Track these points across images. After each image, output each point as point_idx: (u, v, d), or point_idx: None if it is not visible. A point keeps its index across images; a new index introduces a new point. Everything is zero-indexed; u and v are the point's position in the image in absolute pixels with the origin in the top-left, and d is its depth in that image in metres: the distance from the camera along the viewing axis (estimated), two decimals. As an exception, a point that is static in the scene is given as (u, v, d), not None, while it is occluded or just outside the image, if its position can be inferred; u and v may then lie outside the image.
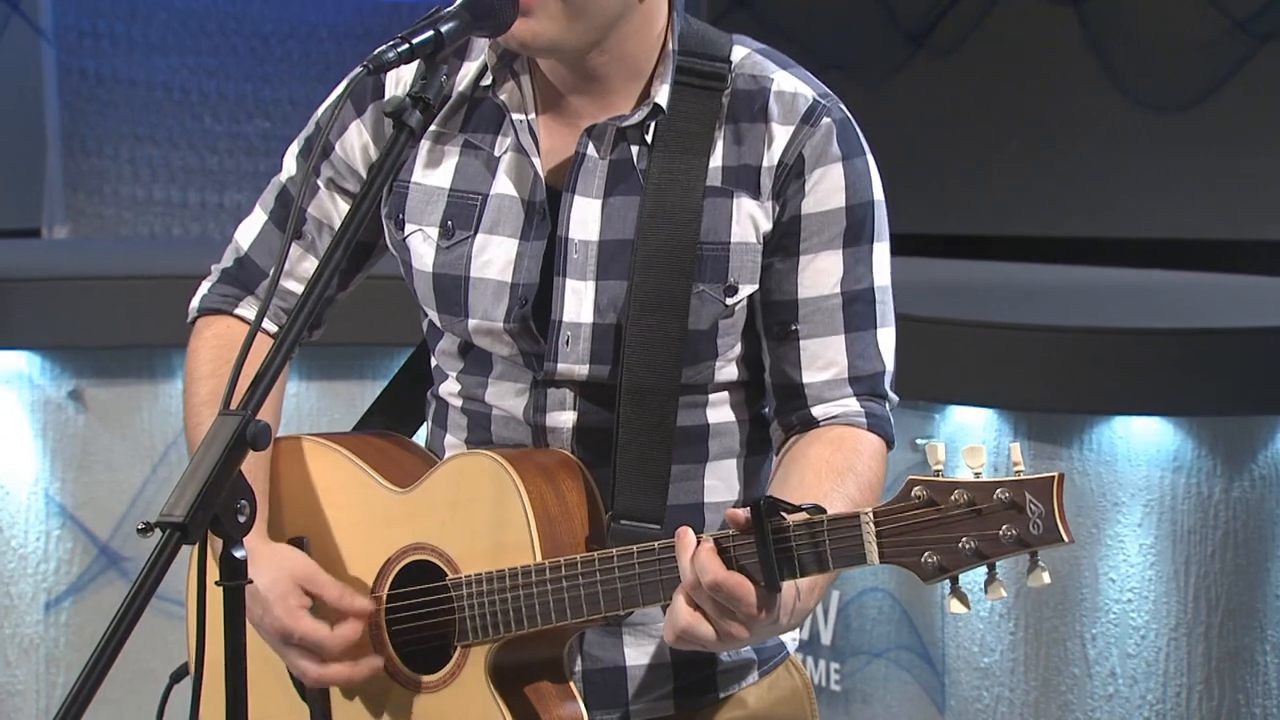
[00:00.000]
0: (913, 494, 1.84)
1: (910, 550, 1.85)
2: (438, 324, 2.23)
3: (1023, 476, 1.83)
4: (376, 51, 2.01)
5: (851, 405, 2.15)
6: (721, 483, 2.21)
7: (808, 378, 2.16)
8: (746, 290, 2.15)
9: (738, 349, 2.18)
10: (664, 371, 2.12)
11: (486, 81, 2.19)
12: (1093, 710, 3.74)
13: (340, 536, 2.25)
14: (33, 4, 6.99)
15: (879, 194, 2.17)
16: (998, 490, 1.82)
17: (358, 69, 2.02)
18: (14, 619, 4.40)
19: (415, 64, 2.05)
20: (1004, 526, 1.82)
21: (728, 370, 2.19)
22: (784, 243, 2.14)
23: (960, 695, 3.86)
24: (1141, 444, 3.71)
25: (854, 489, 2.06)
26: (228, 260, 2.35)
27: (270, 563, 2.20)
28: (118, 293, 4.37)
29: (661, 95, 2.13)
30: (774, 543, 1.89)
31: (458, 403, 2.25)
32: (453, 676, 2.15)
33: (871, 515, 1.86)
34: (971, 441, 3.72)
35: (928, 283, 4.39)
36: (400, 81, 2.22)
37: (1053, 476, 1.83)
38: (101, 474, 4.41)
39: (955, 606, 1.85)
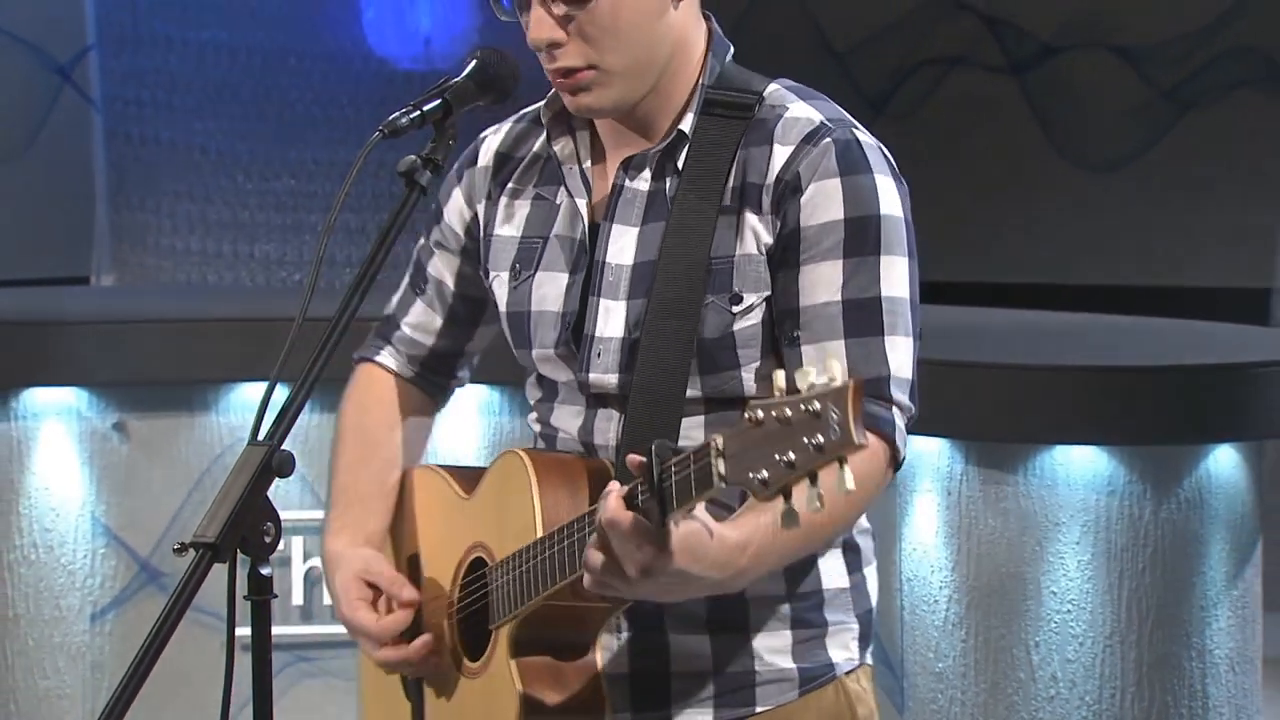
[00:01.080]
0: (745, 415, 1.72)
1: (745, 469, 1.72)
2: (518, 358, 2.23)
3: (825, 386, 1.68)
4: (391, 118, 2.02)
5: None
6: None
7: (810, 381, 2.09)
8: (751, 299, 2.07)
9: (757, 364, 2.09)
10: (673, 374, 2.06)
11: (547, 137, 2.18)
12: (1036, 710, 3.74)
13: (434, 546, 2.27)
14: (83, 76, 7.01)
15: (893, 210, 2.07)
16: (803, 403, 1.68)
17: (374, 135, 2.03)
18: (63, 629, 4.38)
19: (514, 126, 2.13)
20: (812, 435, 1.67)
21: (753, 388, 2.09)
22: (786, 256, 2.06)
23: (918, 697, 3.86)
24: (1079, 470, 3.72)
25: None
26: (385, 314, 2.38)
27: (347, 563, 2.24)
28: (158, 334, 4.38)
29: (687, 123, 2.09)
30: (658, 480, 1.81)
31: (537, 428, 2.23)
32: (489, 660, 2.13)
33: (720, 440, 1.74)
34: (927, 476, 3.74)
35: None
36: (491, 150, 2.24)
37: (849, 383, 1.66)
38: (142, 498, 4.40)
39: (786, 525, 1.70)
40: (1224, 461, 3.77)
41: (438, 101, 2.04)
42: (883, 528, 2.29)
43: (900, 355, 2.07)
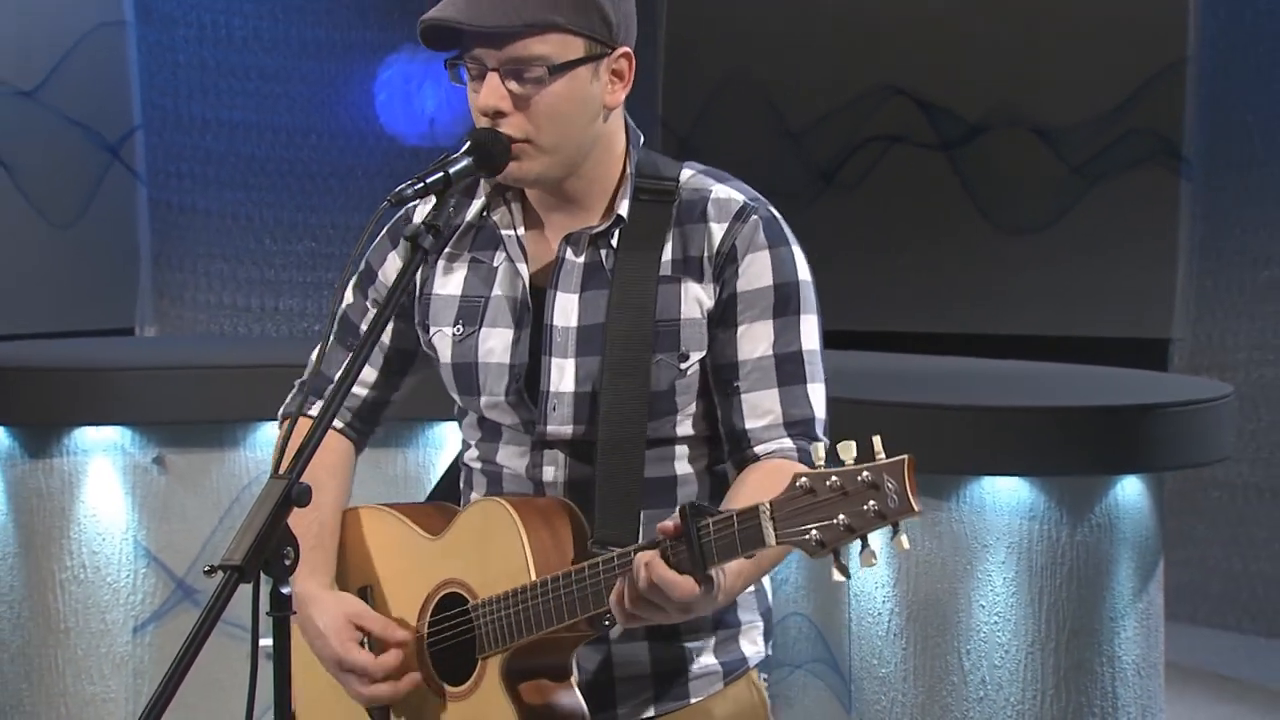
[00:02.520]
0: (797, 485, 1.80)
1: (798, 530, 1.80)
2: (459, 403, 2.22)
3: (880, 462, 1.79)
4: (398, 189, 2.03)
5: (786, 443, 2.11)
6: None
7: (749, 424, 2.12)
8: (696, 356, 2.12)
9: (694, 407, 2.14)
10: (632, 425, 2.09)
11: (484, 209, 2.18)
12: (967, 710, 3.73)
13: (392, 581, 2.24)
14: (130, 153, 7.03)
15: (804, 275, 2.15)
16: (860, 474, 1.78)
17: (383, 203, 2.03)
18: (108, 641, 4.37)
19: (429, 201, 2.07)
20: (867, 504, 1.77)
21: (687, 425, 2.15)
22: (724, 316, 2.12)
23: (864, 699, 3.85)
24: (1005, 499, 3.72)
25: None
26: (306, 375, 2.33)
27: (329, 606, 2.20)
28: (193, 379, 4.38)
29: (623, 208, 2.12)
30: (699, 539, 1.86)
31: (477, 465, 2.23)
32: (476, 684, 2.12)
33: (768, 505, 1.82)
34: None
35: (836, 369, 4.40)
36: (418, 216, 2.22)
37: (904, 459, 1.77)
38: (178, 523, 4.39)
39: (836, 575, 1.80)
40: (1130, 490, 3.78)
41: (439, 174, 2.04)
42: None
43: (818, 399, 2.15)
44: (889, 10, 7.73)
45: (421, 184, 2.03)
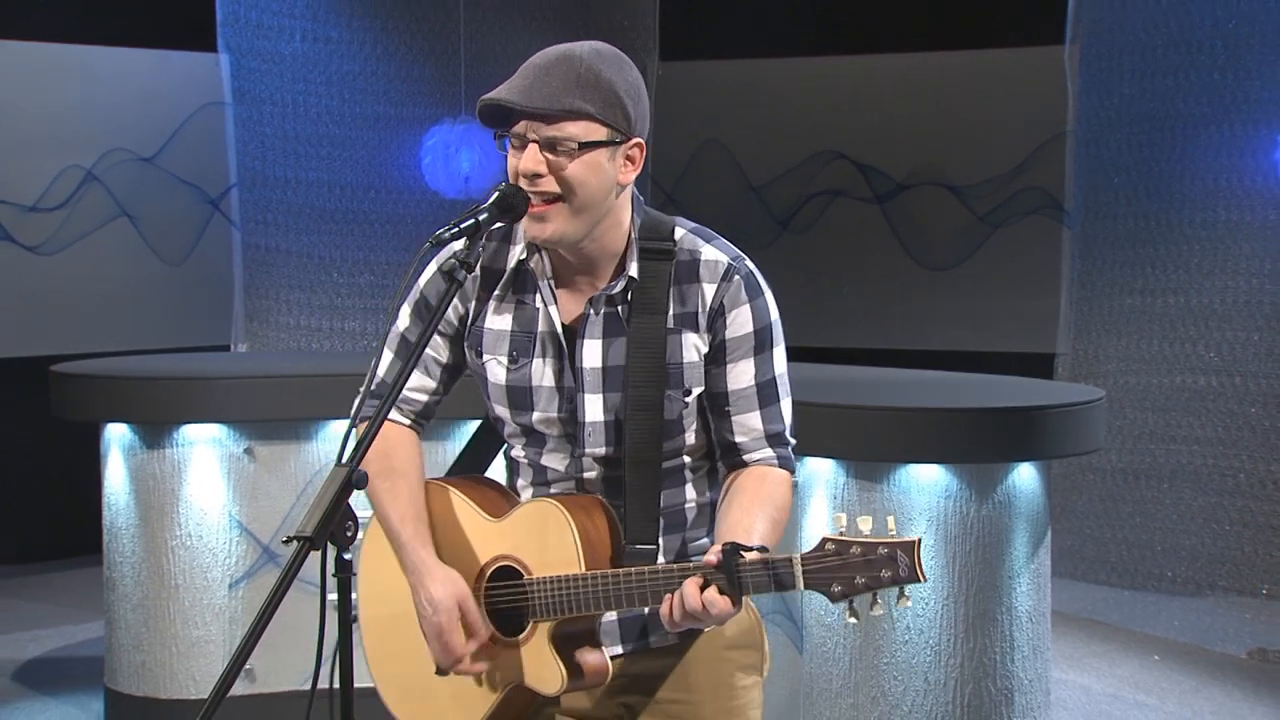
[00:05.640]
0: (825, 547, 1.86)
1: (823, 582, 1.86)
2: (506, 418, 2.20)
3: (895, 539, 1.84)
4: (437, 232, 2.01)
5: (767, 453, 2.15)
6: (699, 523, 2.23)
7: (739, 439, 2.16)
8: (696, 390, 2.14)
9: (695, 424, 2.16)
10: (651, 448, 2.11)
11: (524, 256, 2.18)
12: (895, 651, 3.71)
13: (454, 548, 2.21)
14: (227, 205, 7.03)
15: (774, 317, 2.17)
16: (880, 547, 1.83)
17: (426, 244, 2.01)
18: (208, 595, 4.35)
19: (490, 246, 2.15)
20: (883, 570, 1.84)
21: (690, 438, 2.17)
22: (716, 357, 2.14)
23: (812, 642, 3.82)
24: (926, 482, 3.71)
25: (773, 510, 2.09)
26: (372, 384, 2.28)
27: (445, 581, 2.16)
28: (276, 386, 4.36)
29: (633, 269, 2.12)
30: (736, 574, 1.90)
31: (525, 461, 2.23)
32: (528, 639, 2.13)
33: (800, 559, 1.87)
34: (820, 486, 3.72)
35: (793, 379, 4.38)
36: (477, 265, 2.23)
37: (915, 540, 1.83)
38: (264, 501, 4.38)
39: (849, 618, 1.85)
40: (1024, 475, 3.76)
41: (470, 221, 2.02)
42: (789, 524, 2.30)
43: (788, 413, 2.20)
44: (833, 91, 7.73)
45: (456, 228, 2.01)
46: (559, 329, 2.15)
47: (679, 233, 2.16)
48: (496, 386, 2.19)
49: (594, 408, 2.13)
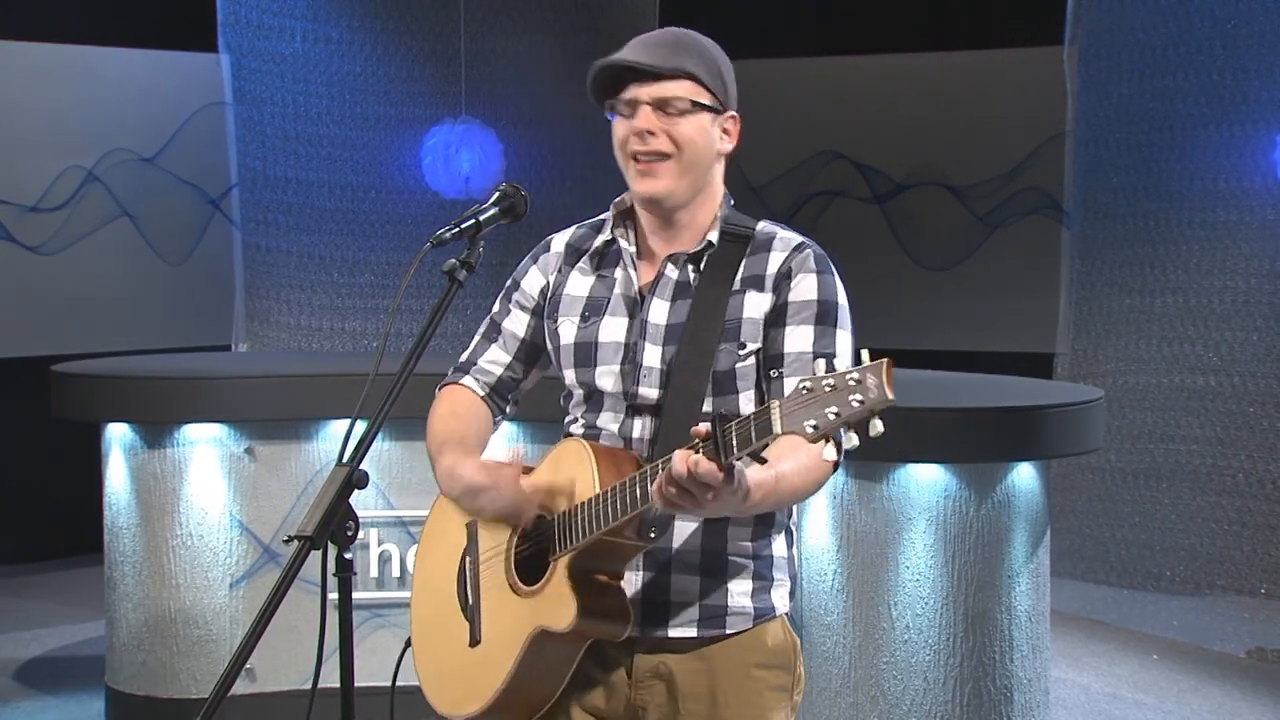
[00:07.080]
0: (801, 388, 1.75)
1: (798, 421, 1.73)
2: (572, 380, 2.22)
3: (865, 365, 1.72)
4: (438, 233, 2.01)
5: None
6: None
7: None
8: (752, 346, 2.12)
9: (751, 392, 2.13)
10: (695, 398, 2.09)
11: (606, 235, 2.23)
12: (895, 650, 3.71)
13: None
14: (228, 206, 7.05)
15: (843, 300, 2.15)
16: (849, 375, 1.71)
17: (426, 245, 2.01)
18: (210, 593, 4.35)
19: (575, 231, 2.17)
20: (853, 396, 1.70)
21: (747, 404, 2.13)
22: (776, 319, 2.12)
23: (812, 641, 3.84)
24: (926, 481, 3.71)
25: (804, 457, 1.99)
26: (461, 360, 2.34)
27: (469, 463, 2.16)
28: (277, 386, 4.36)
29: (714, 237, 2.17)
30: (720, 434, 1.81)
31: (580, 431, 2.22)
32: (547, 582, 2.09)
33: (779, 403, 1.76)
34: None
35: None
36: (561, 243, 2.29)
37: (883, 361, 1.71)
38: (265, 501, 4.38)
39: (829, 453, 1.72)
40: (1023, 474, 3.76)
41: (471, 221, 2.03)
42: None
43: None
44: (833, 91, 7.73)
45: (457, 228, 2.02)
46: (637, 290, 2.18)
47: (760, 224, 2.21)
48: (566, 348, 2.20)
49: (653, 356, 2.14)
